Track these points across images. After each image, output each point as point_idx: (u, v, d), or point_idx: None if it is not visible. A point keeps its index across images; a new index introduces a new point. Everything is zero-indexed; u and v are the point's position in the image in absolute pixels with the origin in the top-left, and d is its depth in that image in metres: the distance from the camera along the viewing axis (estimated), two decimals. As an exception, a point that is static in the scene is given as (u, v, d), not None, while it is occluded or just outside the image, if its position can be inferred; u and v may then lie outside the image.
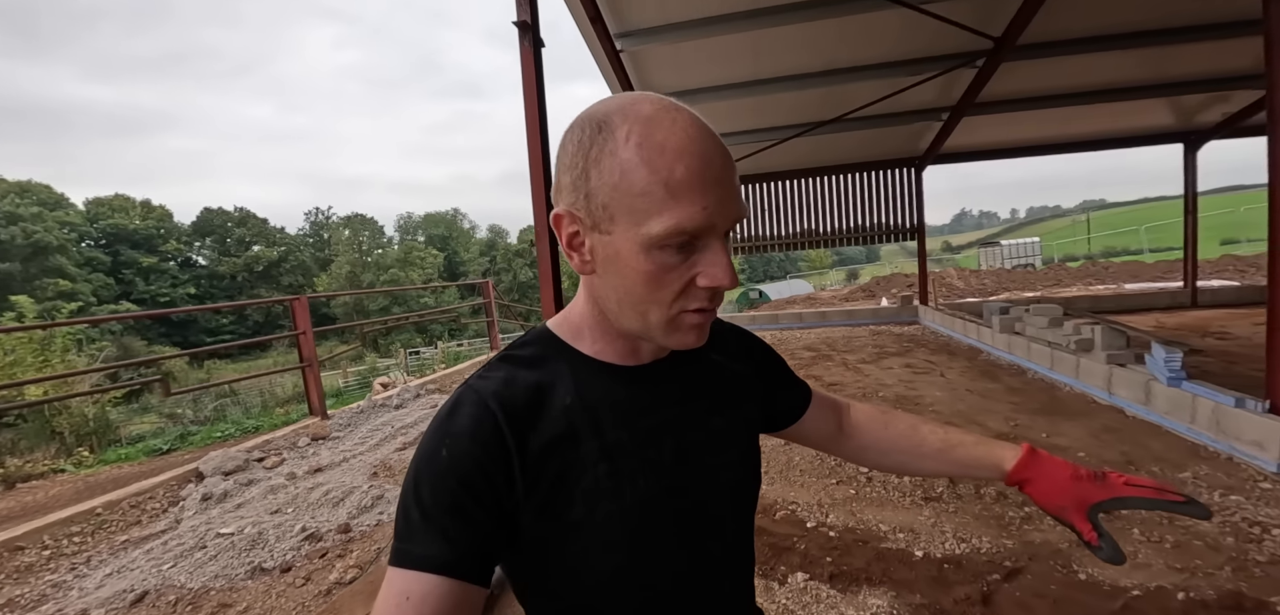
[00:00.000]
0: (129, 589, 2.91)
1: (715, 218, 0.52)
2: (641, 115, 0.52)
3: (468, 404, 0.57)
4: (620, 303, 0.57)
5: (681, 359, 0.68)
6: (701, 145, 0.51)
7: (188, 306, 44.31)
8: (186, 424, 11.46)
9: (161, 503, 4.10)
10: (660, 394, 0.65)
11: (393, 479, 4.24)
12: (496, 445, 0.55)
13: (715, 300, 0.57)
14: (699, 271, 0.54)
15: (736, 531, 0.71)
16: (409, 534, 0.53)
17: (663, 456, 0.63)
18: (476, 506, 0.54)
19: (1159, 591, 2.17)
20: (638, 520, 0.60)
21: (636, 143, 0.51)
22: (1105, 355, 4.57)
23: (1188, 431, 3.70)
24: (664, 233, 0.51)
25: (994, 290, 14.48)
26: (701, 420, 0.67)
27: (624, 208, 0.52)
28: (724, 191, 0.52)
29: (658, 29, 6.11)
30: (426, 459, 0.55)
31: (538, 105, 3.59)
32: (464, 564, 0.52)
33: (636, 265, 0.53)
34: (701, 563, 0.65)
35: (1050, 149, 10.00)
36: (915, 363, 6.60)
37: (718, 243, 0.54)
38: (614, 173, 0.52)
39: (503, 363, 0.62)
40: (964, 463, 0.79)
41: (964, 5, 5.83)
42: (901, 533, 2.71)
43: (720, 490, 0.68)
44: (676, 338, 0.58)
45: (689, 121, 0.52)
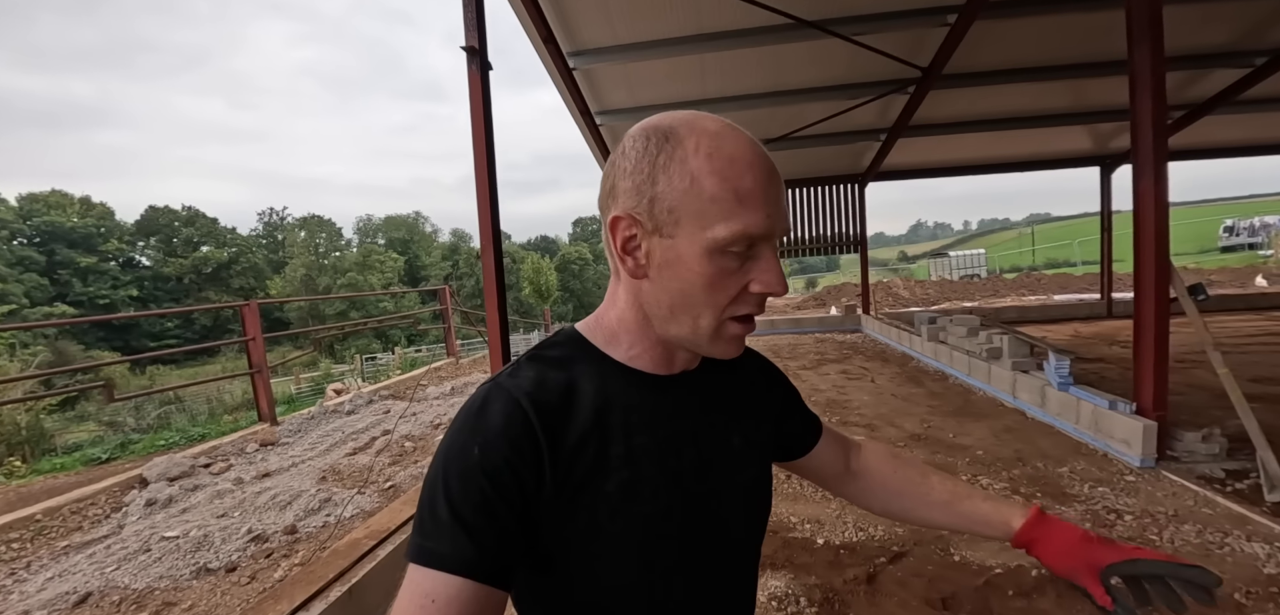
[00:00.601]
0: (72, 591, 2.97)
1: (774, 226, 0.56)
2: (708, 130, 0.56)
3: (498, 402, 0.57)
4: (673, 306, 0.59)
5: (708, 372, 0.70)
6: (763, 161, 0.56)
7: (131, 311, 42.34)
8: (128, 432, 11.09)
9: (104, 509, 4.11)
10: (686, 404, 0.66)
11: (342, 483, 4.34)
12: (528, 444, 0.55)
13: (760, 308, 0.60)
14: (752, 278, 0.57)
15: (746, 551, 0.72)
16: (436, 532, 0.52)
17: (684, 467, 0.63)
18: (506, 508, 0.53)
19: (1018, 569, 2.51)
20: (656, 528, 0.60)
21: (707, 153, 0.55)
22: (1011, 362, 5.02)
23: (1073, 431, 4.14)
24: (730, 236, 0.54)
25: (936, 300, 15.23)
26: (723, 435, 0.69)
27: (692, 212, 0.55)
28: (781, 205, 0.57)
29: (608, 49, 6.37)
30: (456, 454, 0.54)
31: (485, 127, 3.78)
32: (491, 567, 0.52)
33: (698, 268, 0.56)
34: (711, 577, 0.66)
35: (982, 169, 10.68)
36: (851, 369, 7.02)
37: (771, 251, 0.58)
38: (684, 179, 0.55)
39: (532, 362, 0.62)
40: (969, 518, 0.79)
41: (895, 37, 6.28)
42: (808, 524, 3.01)
43: (735, 508, 0.69)
44: (720, 347, 0.61)
45: (751, 140, 0.57)
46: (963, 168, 10.71)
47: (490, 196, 3.75)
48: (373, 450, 5.14)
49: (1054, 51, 6.88)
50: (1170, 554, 0.68)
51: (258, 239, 57.98)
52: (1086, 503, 3.14)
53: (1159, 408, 3.57)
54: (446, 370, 9.39)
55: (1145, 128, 3.57)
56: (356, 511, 3.75)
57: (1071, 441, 4.07)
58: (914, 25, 6.13)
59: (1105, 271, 10.55)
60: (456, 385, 7.80)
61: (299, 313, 43.07)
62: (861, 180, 10.51)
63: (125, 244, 49.16)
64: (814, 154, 9.64)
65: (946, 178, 11.40)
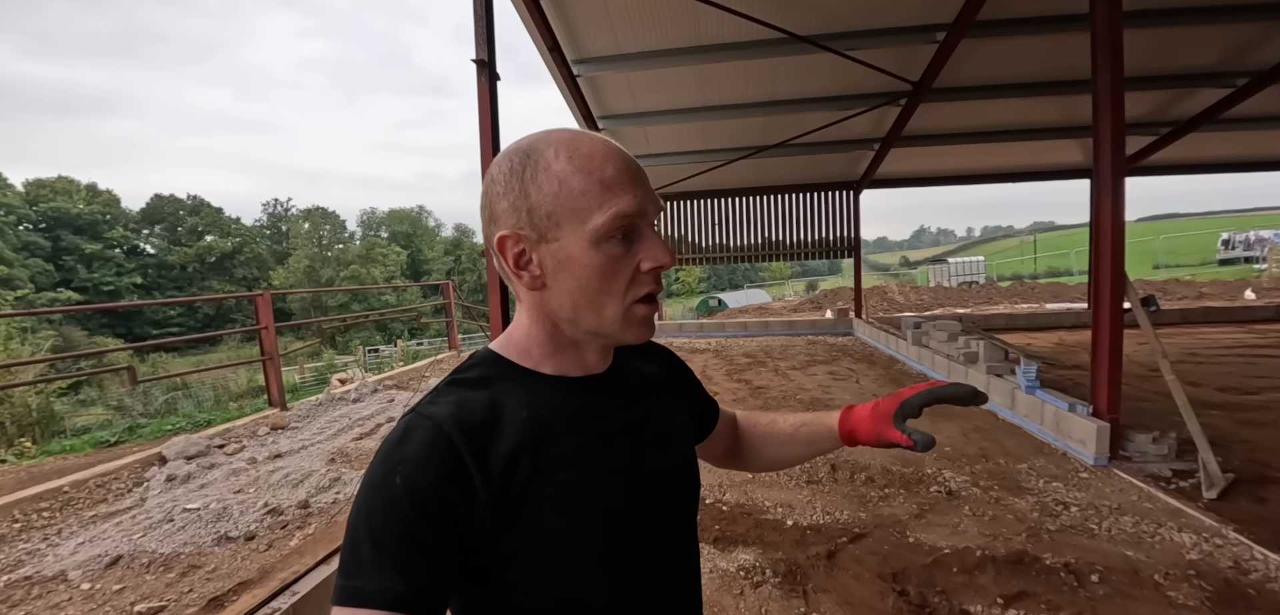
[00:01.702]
0: (103, 554, 3.24)
1: (644, 205, 0.60)
2: (562, 138, 0.60)
3: (420, 430, 0.56)
4: (577, 305, 0.61)
5: (621, 367, 0.73)
6: (618, 152, 0.60)
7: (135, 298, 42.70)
8: (135, 417, 11.35)
9: (126, 483, 4.38)
10: (609, 400, 0.68)
11: (350, 465, 4.61)
12: (453, 467, 0.55)
13: (658, 285, 0.63)
14: (641, 257, 0.60)
15: (686, 529, 0.75)
16: (357, 569, 0.51)
17: (619, 460, 0.65)
18: (434, 536, 0.53)
19: (964, 550, 2.78)
20: (600, 523, 0.62)
21: (567, 156, 0.58)
22: (986, 366, 5.27)
23: (1037, 431, 4.40)
24: (607, 222, 0.57)
25: (930, 305, 15.47)
26: (648, 423, 0.71)
27: (568, 211, 0.58)
28: (645, 186, 0.61)
29: (611, 58, 6.64)
30: (377, 488, 0.54)
31: (492, 136, 4.04)
32: (419, 598, 0.51)
33: (589, 261, 0.59)
34: (657, 561, 0.69)
35: (975, 179, 10.93)
36: (837, 371, 7.28)
37: (651, 230, 0.62)
38: (552, 184, 0.58)
39: (451, 387, 0.62)
40: (810, 439, 0.88)
41: (887, 53, 6.54)
42: (780, 508, 3.28)
43: (671, 490, 0.72)
44: (631, 331, 0.63)
45: (603, 137, 0.61)
46: (955, 177, 10.96)
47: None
48: (377, 435, 5.41)
49: (1042, 68, 7.14)
50: (930, 383, 0.78)
51: (262, 230, 58.29)
52: (1038, 496, 3.40)
53: (1113, 410, 3.83)
54: (449, 363, 9.67)
55: (1105, 147, 3.83)
56: (364, 490, 4.02)
57: (1035, 441, 4.33)
58: (904, 42, 6.40)
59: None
60: (458, 377, 8.06)
61: (302, 304, 43.37)
62: (856, 187, 10.77)
63: (130, 231, 49.49)
64: (810, 161, 9.90)
65: (942, 187, 11.64)
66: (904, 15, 6.04)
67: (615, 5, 5.77)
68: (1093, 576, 2.55)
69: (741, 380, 7.10)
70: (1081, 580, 2.52)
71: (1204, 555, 2.72)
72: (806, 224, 11.11)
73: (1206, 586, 2.47)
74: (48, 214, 44.29)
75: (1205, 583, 2.50)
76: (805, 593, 2.49)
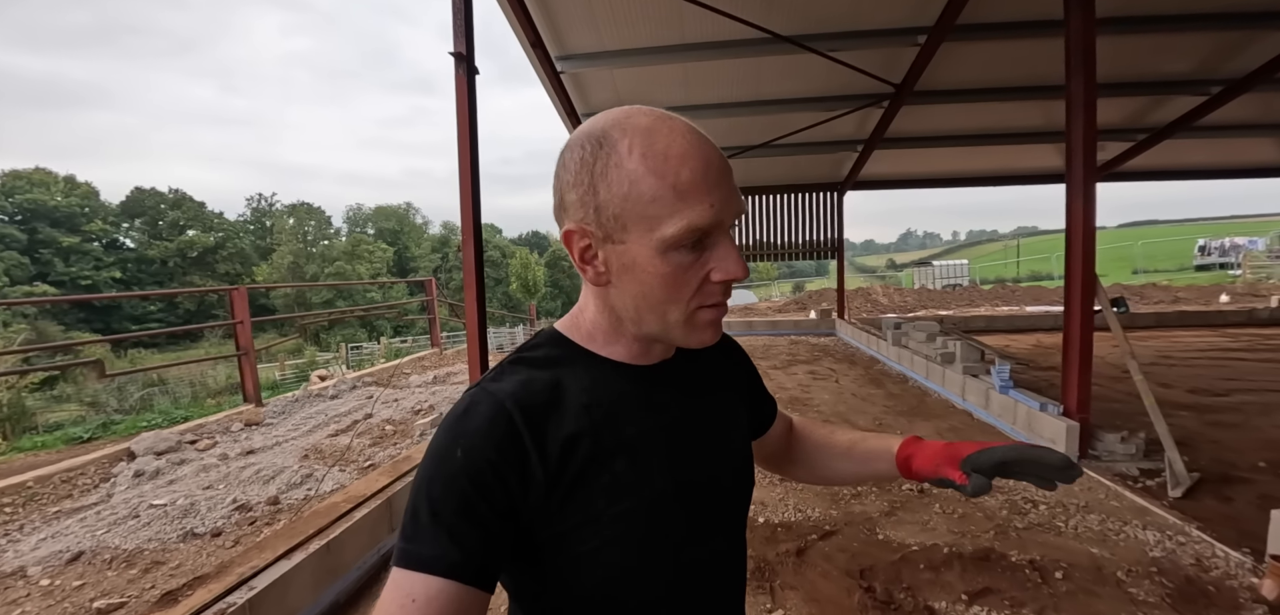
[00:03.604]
0: (64, 550, 3.16)
1: (722, 214, 0.56)
2: (640, 127, 0.56)
3: (483, 405, 0.57)
4: (639, 308, 0.60)
5: (687, 358, 0.71)
6: (701, 149, 0.55)
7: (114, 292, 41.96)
8: (110, 413, 11.16)
9: (93, 479, 4.30)
10: (671, 391, 0.67)
11: (323, 461, 4.55)
12: (513, 447, 0.55)
13: (727, 294, 0.61)
14: (712, 267, 0.57)
15: (737, 524, 0.74)
16: (417, 534, 0.53)
17: (676, 452, 0.65)
18: (489, 509, 0.54)
19: (932, 548, 2.80)
20: (655, 515, 0.61)
21: (640, 153, 0.54)
22: (962, 367, 5.33)
23: (1010, 430, 4.46)
24: (677, 234, 0.54)
25: (913, 307, 15.61)
26: (708, 417, 0.70)
27: (636, 216, 0.55)
28: (726, 189, 0.56)
29: (594, 55, 6.62)
30: (439, 458, 0.55)
31: (470, 129, 4.00)
32: (473, 568, 0.52)
33: (654, 269, 0.56)
34: (708, 558, 0.68)
35: (958, 182, 11.04)
36: (818, 370, 7.32)
37: (726, 238, 0.58)
38: (623, 184, 0.55)
39: (516, 365, 0.63)
40: (865, 457, 0.85)
41: (869, 54, 6.58)
42: (754, 505, 3.28)
43: (725, 483, 0.71)
44: (695, 336, 0.61)
45: (686, 129, 0.56)
46: (937, 180, 11.06)
47: (473, 197, 3.98)
48: (354, 432, 5.35)
49: (1021, 73, 7.21)
50: (1022, 443, 0.72)
51: (245, 225, 57.51)
52: (1008, 494, 3.43)
53: (1082, 410, 3.88)
54: (430, 360, 9.59)
55: (1077, 152, 3.88)
56: (335, 486, 3.97)
57: (1006, 440, 4.38)
58: (887, 44, 6.44)
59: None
60: (438, 374, 8.01)
61: (285, 300, 42.87)
62: (840, 189, 10.84)
63: (109, 225, 48.61)
64: (794, 162, 9.95)
65: (928, 189, 11.75)
66: (886, 17, 6.08)
67: (599, 1, 5.75)
68: (1057, 573, 2.58)
69: (723, 379, 7.12)
70: (1046, 577, 2.55)
71: (1167, 553, 2.77)
72: (791, 225, 11.17)
73: (1167, 583, 2.51)
74: (23, 206, 43.38)
75: (1166, 579, 2.54)
76: (772, 589, 2.49)
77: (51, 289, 40.02)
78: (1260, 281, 18.45)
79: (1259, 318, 10.90)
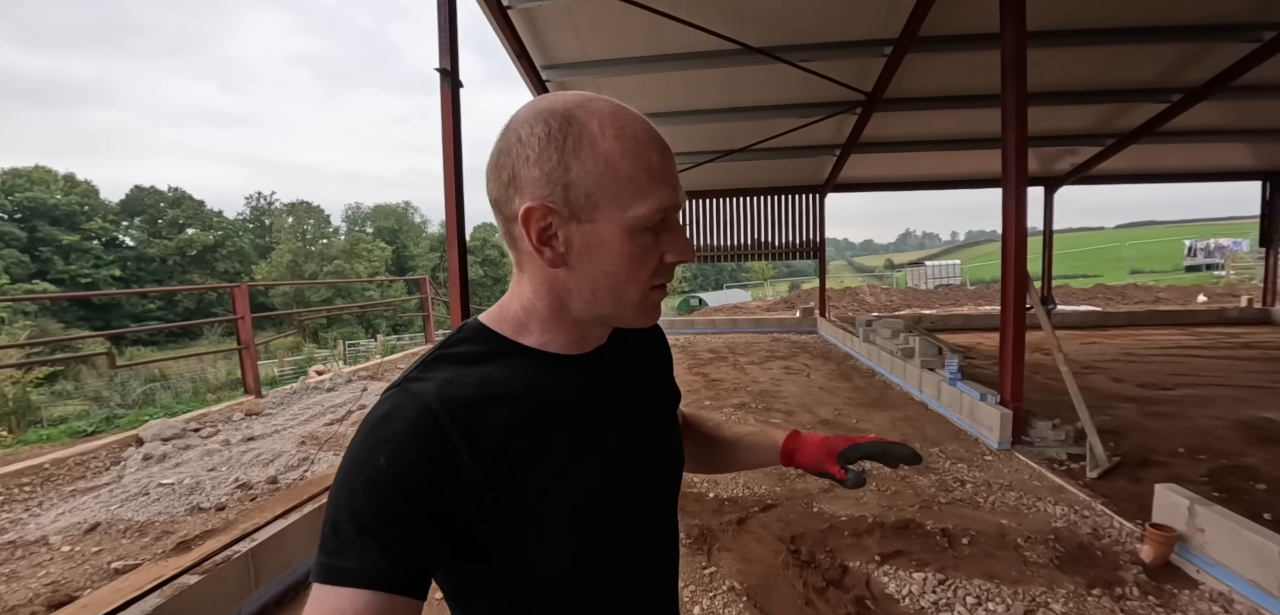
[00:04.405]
0: (82, 522, 3.50)
1: (680, 199, 0.59)
2: (606, 111, 0.56)
3: (407, 407, 0.55)
4: (597, 289, 0.59)
5: (618, 344, 0.71)
6: (660, 137, 0.58)
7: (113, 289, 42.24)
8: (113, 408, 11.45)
9: (104, 462, 4.63)
10: (603, 377, 0.68)
11: (319, 447, 4.88)
12: (441, 449, 0.53)
13: (671, 276, 0.63)
14: (666, 249, 0.59)
15: (670, 504, 0.76)
16: (340, 548, 0.50)
17: (611, 439, 0.65)
18: (418, 516, 0.52)
19: (858, 518, 3.14)
20: (596, 500, 0.62)
21: (614, 135, 0.54)
22: (920, 361, 5.67)
23: (956, 419, 4.80)
24: (648, 213, 0.55)
25: (899, 306, 15.96)
26: (639, 403, 0.72)
27: (610, 196, 0.55)
28: (677, 176, 0.59)
29: (578, 64, 6.96)
30: (359, 467, 0.52)
31: (454, 141, 4.34)
32: (403, 577, 0.50)
33: (620, 248, 0.56)
34: (644, 535, 0.70)
35: (934, 185, 11.39)
36: (793, 366, 7.67)
37: (677, 223, 0.60)
38: (598, 163, 0.54)
39: (440, 362, 0.60)
40: (751, 448, 0.91)
41: (841, 65, 6.93)
42: (706, 482, 3.62)
43: (658, 469, 0.73)
44: (645, 316, 0.63)
45: (641, 117, 0.58)
46: (916, 183, 11.41)
47: (458, 204, 4.31)
48: (348, 421, 5.69)
49: (987, 82, 7.50)
50: (882, 435, 0.83)
51: (245, 223, 57.76)
52: (941, 475, 3.78)
53: (1016, 399, 4.22)
54: (424, 356, 9.92)
55: (1011, 159, 4.21)
56: (330, 467, 4.30)
57: (953, 427, 4.73)
58: (855, 55, 6.78)
59: (1046, 285, 11.31)
60: (431, 369, 8.34)
61: (284, 297, 43.17)
62: (821, 191, 11.19)
63: (109, 223, 48.81)
64: (777, 165, 10.28)
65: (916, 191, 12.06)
66: (853, 30, 6.41)
67: (580, 15, 6.08)
68: (964, 539, 2.92)
69: (700, 373, 7.46)
70: (953, 542, 2.89)
71: (1069, 525, 3.11)
72: (776, 226, 11.51)
73: (1060, 548, 2.85)
74: (23, 204, 43.60)
75: (1060, 545, 2.88)
76: (710, 552, 2.83)
77: (51, 286, 40.28)
78: (1243, 282, 18.80)
79: (1228, 317, 11.26)
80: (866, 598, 2.43)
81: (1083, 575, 2.61)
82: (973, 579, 2.56)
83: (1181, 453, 4.17)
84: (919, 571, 2.63)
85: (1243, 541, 2.43)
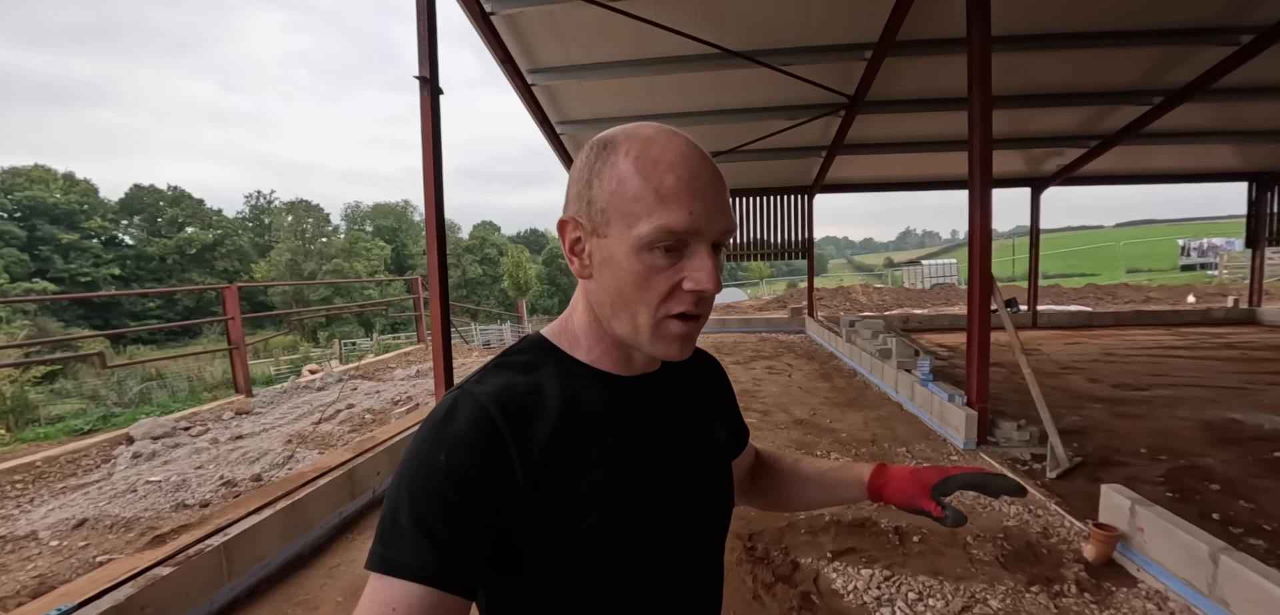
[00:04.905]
0: (71, 517, 3.62)
1: (700, 223, 0.57)
2: (642, 136, 0.59)
3: (465, 408, 0.57)
4: (613, 305, 0.61)
5: (671, 374, 0.72)
6: (692, 161, 0.58)
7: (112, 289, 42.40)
8: (109, 406, 11.57)
9: (95, 460, 4.75)
10: (653, 404, 0.68)
11: (305, 445, 5.00)
12: (497, 451, 0.55)
13: (700, 307, 0.60)
14: (685, 275, 0.58)
15: (713, 546, 0.74)
16: (397, 540, 0.52)
17: (656, 466, 0.65)
18: (473, 514, 0.53)
19: (815, 517, 3.24)
20: (631, 527, 0.62)
21: (634, 157, 0.57)
22: (897, 361, 5.78)
23: (927, 419, 4.91)
24: (651, 232, 0.56)
25: (891, 306, 16.06)
26: (689, 434, 0.71)
27: (619, 211, 0.57)
28: (710, 203, 0.57)
29: (563, 68, 7.06)
30: (420, 462, 0.54)
31: (434, 147, 4.44)
32: (455, 574, 0.52)
33: (628, 265, 0.58)
34: (681, 573, 0.68)
35: (919, 185, 11.50)
36: (776, 365, 7.78)
37: (704, 249, 0.58)
38: (613, 181, 0.57)
39: (499, 368, 0.63)
40: (833, 485, 0.88)
41: (824, 68, 7.02)
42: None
43: (702, 507, 0.71)
44: (661, 346, 0.61)
45: (684, 142, 0.59)
46: (902, 184, 11.52)
47: (437, 208, 4.42)
48: (336, 420, 5.81)
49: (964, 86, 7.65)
50: (976, 466, 0.80)
51: (244, 222, 57.89)
52: (904, 473, 3.88)
53: (981, 400, 4.32)
54: (416, 355, 10.05)
55: (976, 163, 4.31)
56: (311, 465, 4.42)
57: (923, 427, 4.84)
58: (836, 59, 6.87)
59: (1032, 285, 11.42)
60: (422, 368, 8.46)
61: (284, 296, 43.32)
62: (809, 192, 11.30)
63: (108, 222, 48.94)
64: (766, 167, 10.39)
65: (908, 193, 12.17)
66: (833, 34, 6.51)
67: (563, 21, 6.18)
68: (915, 537, 3.03)
69: (687, 374, 7.56)
70: (904, 540, 3.00)
71: (1021, 524, 3.21)
72: (767, 226, 11.63)
73: (1008, 546, 2.96)
74: (23, 203, 43.75)
75: (1008, 543, 2.98)
76: (671, 547, 2.94)
77: (51, 285, 40.44)
78: (1235, 282, 18.87)
79: (1214, 317, 11.36)
80: (812, 593, 2.54)
81: (1024, 573, 2.71)
82: (918, 576, 2.67)
83: (1143, 453, 4.27)
84: (867, 568, 2.74)
85: (1177, 541, 2.53)
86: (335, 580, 2.75)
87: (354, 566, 2.87)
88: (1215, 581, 2.35)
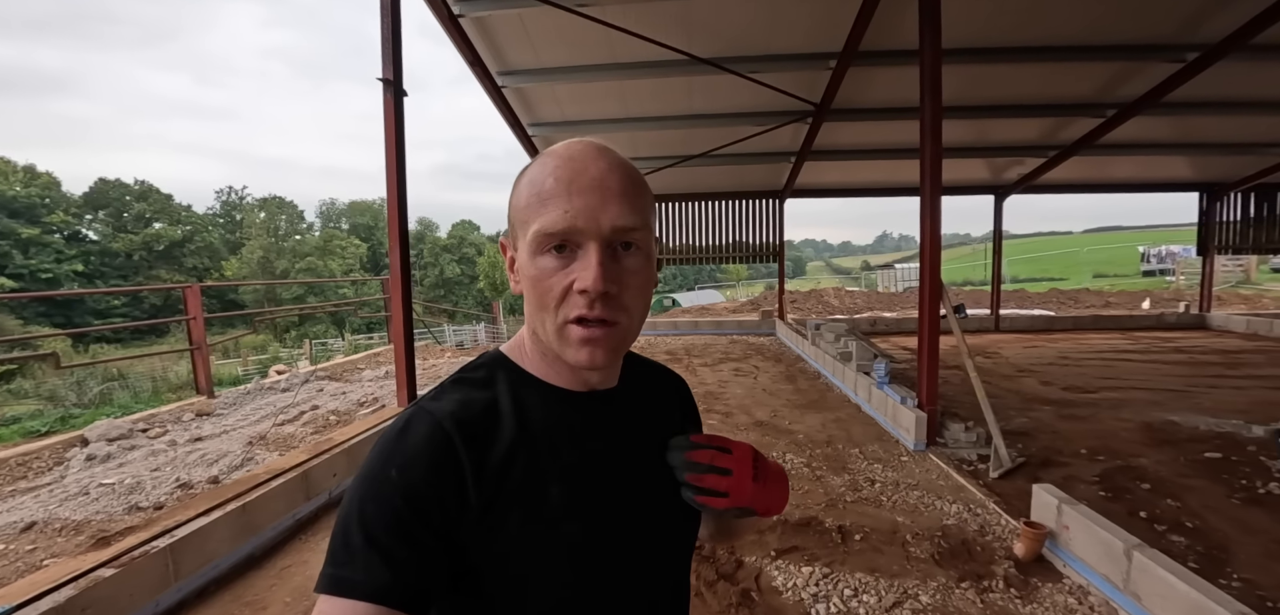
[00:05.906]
0: (19, 521, 3.57)
1: (578, 220, 0.56)
2: (555, 150, 0.59)
3: (420, 424, 0.57)
4: (530, 315, 0.62)
5: (631, 391, 0.72)
6: (581, 160, 0.57)
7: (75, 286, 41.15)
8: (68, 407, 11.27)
9: (47, 462, 4.67)
10: (611, 423, 0.67)
11: (266, 448, 4.97)
12: (450, 467, 0.55)
13: (593, 309, 0.57)
14: (574, 277, 0.57)
15: (676, 565, 0.73)
16: (348, 559, 0.51)
17: (612, 484, 0.64)
18: (425, 530, 0.53)
19: (767, 514, 3.34)
20: (590, 544, 0.61)
21: (538, 165, 0.59)
22: (857, 365, 5.93)
23: (882, 420, 5.05)
24: (533, 235, 0.57)
25: (861, 308, 16.36)
26: (648, 454, 0.70)
27: (520, 221, 0.59)
28: (592, 200, 0.56)
29: (534, 71, 7.09)
30: (372, 479, 0.54)
31: (397, 149, 4.46)
32: (406, 592, 0.51)
33: (527, 272, 0.59)
34: (643, 594, 0.67)
35: (887, 192, 11.74)
36: (743, 368, 7.91)
37: (590, 247, 0.57)
38: (517, 195, 0.60)
39: (456, 385, 0.62)
40: None
41: (789, 76, 7.16)
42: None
43: (663, 525, 0.70)
44: (569, 352, 0.60)
45: (583, 145, 0.59)
46: (872, 190, 11.77)
47: (400, 211, 4.44)
48: (299, 422, 5.77)
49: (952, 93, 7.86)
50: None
51: (215, 218, 56.60)
52: (854, 475, 4.01)
53: (930, 402, 4.47)
54: (386, 355, 9.98)
55: (927, 171, 4.46)
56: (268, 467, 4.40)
57: (878, 429, 4.98)
58: (802, 67, 7.02)
59: (995, 290, 11.75)
60: (391, 370, 8.42)
61: (255, 295, 42.50)
62: (780, 196, 11.49)
63: (71, 217, 47.47)
64: (737, 171, 10.53)
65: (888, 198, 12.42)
66: (797, 43, 6.65)
67: (533, 25, 6.22)
68: (857, 536, 3.14)
69: (656, 375, 7.65)
70: (846, 538, 3.12)
71: (960, 522, 3.35)
72: (740, 229, 11.78)
73: (944, 544, 3.08)
74: (-19, 195, 42.24)
75: (945, 541, 3.11)
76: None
77: (9, 282, 39.09)
78: (1191, 287, 19.56)
79: (1166, 322, 11.80)
80: (752, 590, 2.63)
81: (957, 569, 2.84)
82: (855, 573, 2.78)
83: (1083, 454, 4.45)
84: (808, 566, 2.85)
85: (1097, 538, 2.68)
86: (285, 581, 2.77)
87: (305, 567, 2.89)
88: (1129, 577, 2.49)
